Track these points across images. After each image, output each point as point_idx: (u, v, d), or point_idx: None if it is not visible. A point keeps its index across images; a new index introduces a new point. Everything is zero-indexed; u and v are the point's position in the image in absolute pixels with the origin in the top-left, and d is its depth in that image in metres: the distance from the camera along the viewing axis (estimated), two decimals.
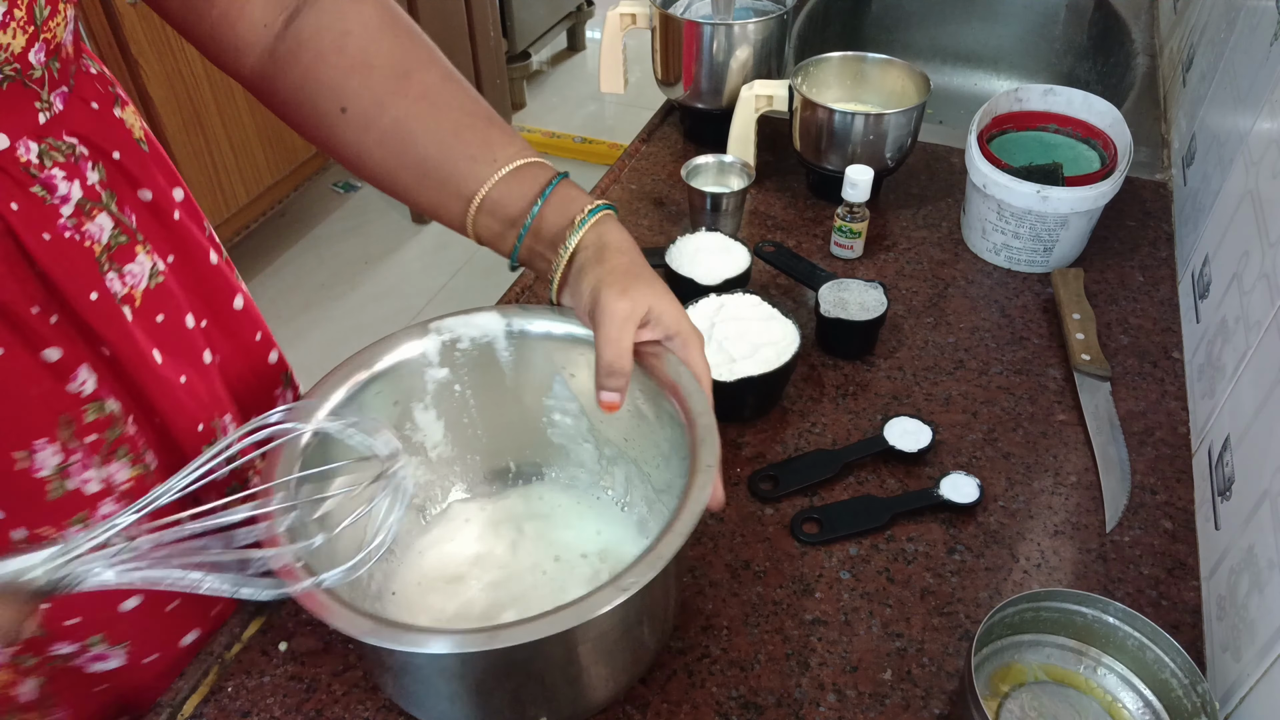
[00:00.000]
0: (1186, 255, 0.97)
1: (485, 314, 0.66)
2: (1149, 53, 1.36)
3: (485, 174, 0.63)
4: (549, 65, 3.51)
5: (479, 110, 0.66)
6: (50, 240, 0.55)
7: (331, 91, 0.64)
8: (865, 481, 0.78)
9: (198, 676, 0.65)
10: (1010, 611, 0.61)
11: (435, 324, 0.65)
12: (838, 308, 0.87)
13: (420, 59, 0.65)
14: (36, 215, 0.54)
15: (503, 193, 0.63)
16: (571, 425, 0.69)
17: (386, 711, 0.63)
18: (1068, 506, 0.76)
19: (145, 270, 0.63)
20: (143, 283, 0.62)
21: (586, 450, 0.70)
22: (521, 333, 0.66)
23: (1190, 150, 1.05)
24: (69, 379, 0.58)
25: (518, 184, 0.64)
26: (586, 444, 0.70)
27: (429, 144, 0.64)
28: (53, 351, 0.57)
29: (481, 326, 0.65)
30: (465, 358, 0.66)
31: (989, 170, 0.95)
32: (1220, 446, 0.73)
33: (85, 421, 0.59)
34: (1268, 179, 0.76)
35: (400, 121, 0.64)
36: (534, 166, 0.65)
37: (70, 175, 0.57)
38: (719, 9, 1.19)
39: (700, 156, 1.02)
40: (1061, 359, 0.89)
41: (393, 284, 2.54)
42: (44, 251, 0.55)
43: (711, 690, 0.64)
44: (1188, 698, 0.57)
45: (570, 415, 0.69)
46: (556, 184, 0.64)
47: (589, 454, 0.70)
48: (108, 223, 0.59)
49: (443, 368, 0.66)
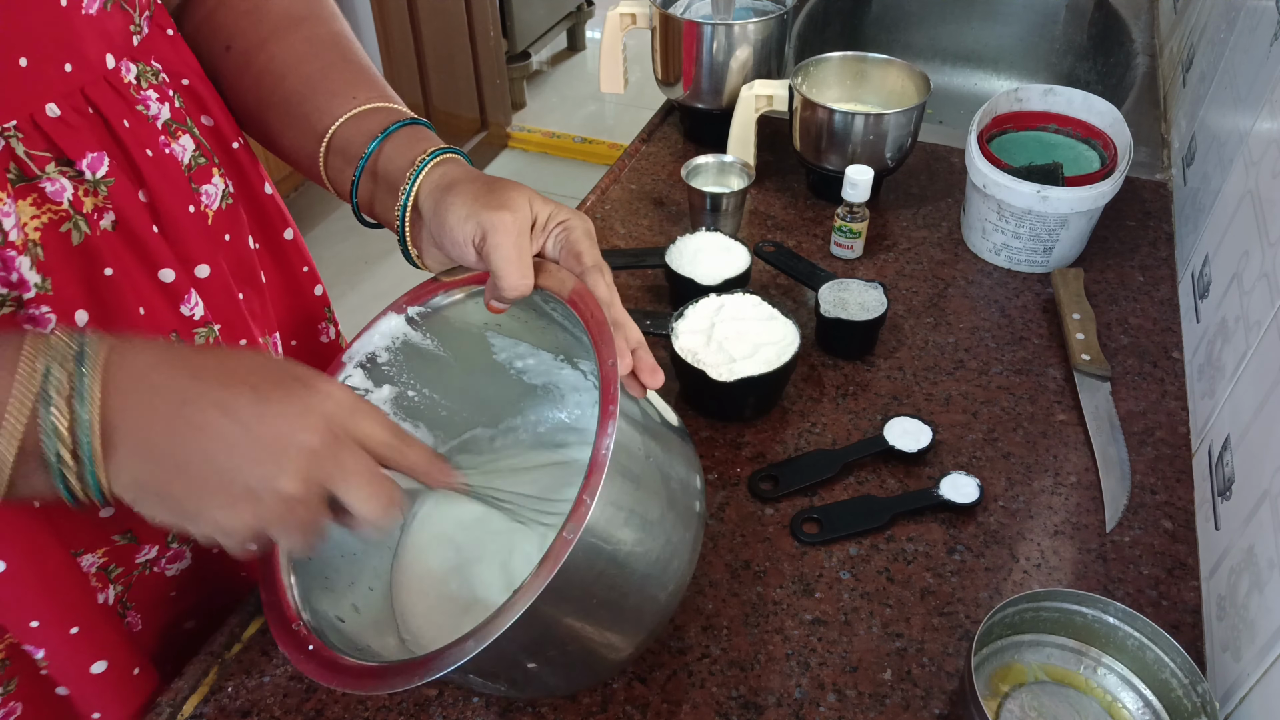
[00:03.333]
0: (1186, 255, 0.97)
1: (382, 320, 0.63)
2: (1149, 53, 1.36)
3: (340, 109, 0.62)
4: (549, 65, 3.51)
5: (357, 61, 0.66)
6: (152, 157, 0.58)
7: (223, 31, 0.65)
8: (865, 481, 0.78)
9: (198, 676, 0.65)
10: (1010, 611, 0.61)
11: (345, 356, 0.62)
12: (838, 308, 0.87)
13: (319, 14, 0.67)
14: (142, 133, 0.57)
15: (351, 130, 0.62)
16: (536, 363, 0.68)
17: (386, 711, 0.63)
18: (1068, 506, 0.76)
19: (219, 192, 0.64)
20: (216, 203, 0.64)
21: (565, 373, 0.68)
22: (424, 315, 0.63)
23: (1190, 150, 1.05)
24: (181, 301, 0.60)
25: (367, 121, 0.62)
26: (563, 369, 0.68)
27: (296, 81, 0.64)
28: (167, 273, 0.59)
29: (386, 333, 0.63)
30: (395, 365, 0.64)
31: (989, 170, 0.95)
32: (1220, 446, 0.73)
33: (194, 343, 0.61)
34: (1268, 179, 0.76)
35: (274, 58, 0.64)
36: (390, 110, 0.63)
37: (160, 98, 0.59)
38: (719, 9, 1.19)
39: (700, 156, 1.02)
40: (1061, 359, 0.89)
41: (392, 284, 2.54)
42: (149, 167, 0.57)
43: (711, 690, 0.64)
44: (1188, 698, 0.57)
45: (529, 356, 0.67)
46: (404, 124, 0.61)
47: (569, 376, 0.68)
48: (189, 144, 0.62)
49: (382, 387, 0.64)
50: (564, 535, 0.47)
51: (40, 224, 0.52)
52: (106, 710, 0.63)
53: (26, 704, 0.61)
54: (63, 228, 0.53)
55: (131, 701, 0.64)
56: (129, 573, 0.64)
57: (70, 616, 0.58)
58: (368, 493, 0.46)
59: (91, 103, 0.54)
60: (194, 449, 0.43)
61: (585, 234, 0.56)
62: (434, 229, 0.57)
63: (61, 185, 0.53)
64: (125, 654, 0.62)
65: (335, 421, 0.45)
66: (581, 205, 1.11)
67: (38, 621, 0.57)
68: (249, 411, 0.44)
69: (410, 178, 0.58)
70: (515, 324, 0.65)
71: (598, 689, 0.64)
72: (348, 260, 2.59)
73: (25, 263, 0.52)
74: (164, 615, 0.68)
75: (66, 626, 0.58)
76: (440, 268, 0.62)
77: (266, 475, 0.43)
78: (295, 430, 0.44)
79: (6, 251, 0.51)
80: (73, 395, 0.41)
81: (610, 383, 0.50)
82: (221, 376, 0.45)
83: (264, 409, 0.44)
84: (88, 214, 0.54)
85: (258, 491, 0.43)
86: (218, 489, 0.43)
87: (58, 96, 0.52)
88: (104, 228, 0.55)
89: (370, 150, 0.61)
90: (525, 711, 0.63)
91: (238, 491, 0.43)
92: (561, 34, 3.46)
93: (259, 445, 0.43)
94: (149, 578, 0.66)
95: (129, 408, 0.42)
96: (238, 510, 0.43)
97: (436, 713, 0.63)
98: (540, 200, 0.56)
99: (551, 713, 0.62)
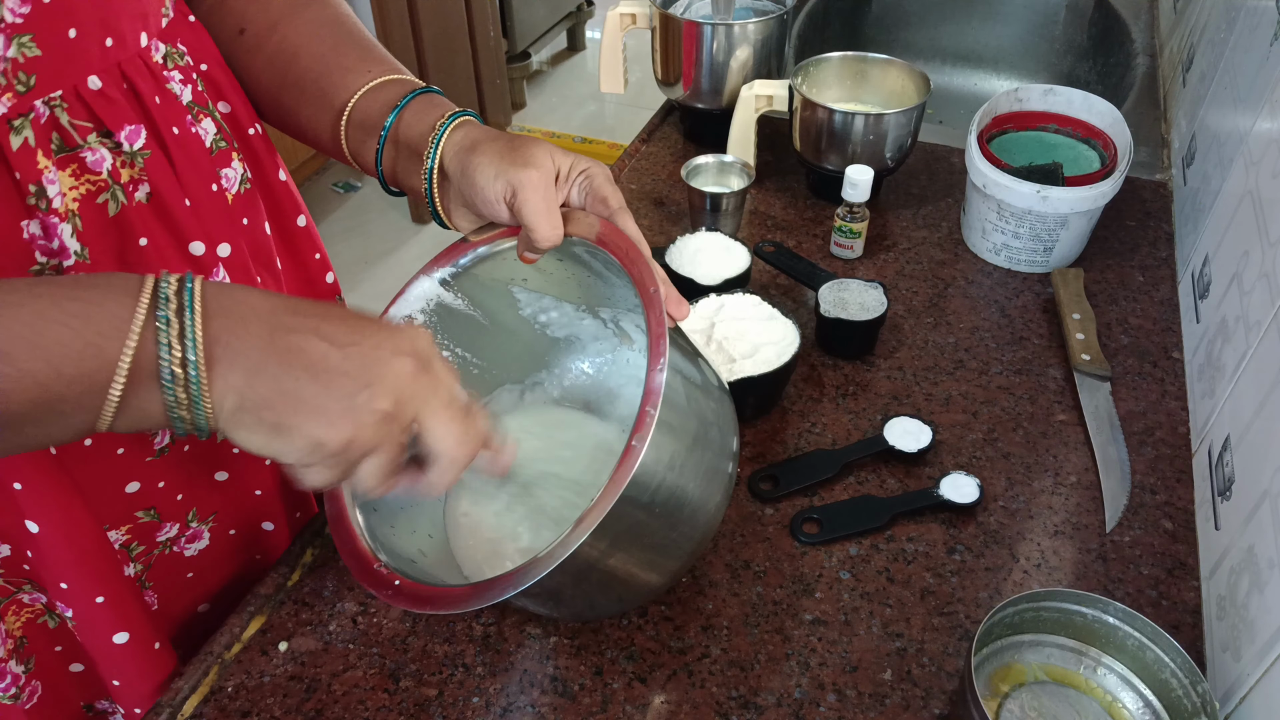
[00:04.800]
0: (1186, 255, 0.97)
1: (415, 284, 0.65)
2: (1149, 53, 1.36)
3: (356, 84, 0.65)
4: (549, 65, 3.51)
5: (364, 38, 0.68)
6: (179, 135, 0.60)
7: (234, 16, 0.67)
8: (865, 481, 0.78)
9: (198, 676, 0.65)
10: (1010, 611, 0.61)
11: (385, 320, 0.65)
12: (838, 308, 0.87)
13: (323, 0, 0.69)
14: (170, 111, 0.59)
15: (369, 102, 0.64)
16: (559, 315, 0.70)
17: (386, 711, 0.63)
18: (1068, 506, 0.76)
19: (237, 176, 0.66)
20: (235, 187, 0.66)
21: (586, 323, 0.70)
22: (455, 275, 0.65)
23: (1190, 150, 1.05)
24: (210, 274, 0.62)
25: (384, 93, 0.64)
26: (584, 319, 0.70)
27: (309, 60, 0.66)
28: (197, 245, 0.61)
29: (420, 295, 0.65)
30: (431, 327, 0.65)
31: (989, 170, 0.95)
32: (1220, 446, 0.73)
33: None
34: (1268, 179, 0.76)
35: (286, 40, 0.66)
36: (404, 81, 0.65)
37: (184, 79, 0.61)
38: (719, 9, 1.19)
39: (700, 156, 1.02)
40: (1061, 359, 0.89)
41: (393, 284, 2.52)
42: (176, 145, 0.59)
43: (711, 690, 0.64)
44: (1188, 698, 0.57)
45: (553, 309, 0.69)
46: (420, 93, 0.64)
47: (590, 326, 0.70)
48: (211, 127, 0.64)
49: None
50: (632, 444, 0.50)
51: (79, 195, 0.54)
52: (126, 680, 0.65)
53: (45, 683, 0.64)
54: (100, 198, 0.55)
55: (149, 676, 0.66)
56: (149, 551, 0.66)
57: (97, 585, 0.61)
58: (452, 422, 0.48)
59: (127, 78, 0.56)
60: (295, 368, 0.45)
61: (606, 180, 0.60)
62: (464, 189, 0.59)
63: (101, 155, 0.55)
64: (147, 628, 0.65)
65: (425, 354, 0.48)
66: None
67: (66, 584, 0.60)
68: (345, 338, 0.46)
69: (433, 142, 0.60)
70: (540, 277, 0.67)
71: (598, 688, 0.64)
72: (348, 260, 2.59)
73: (66, 230, 0.53)
74: (181, 596, 0.70)
75: (93, 594, 0.61)
76: (470, 226, 0.64)
77: (362, 393, 0.45)
78: (389, 356, 0.46)
79: (49, 219, 0.53)
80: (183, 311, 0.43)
81: (655, 306, 0.54)
82: (317, 309, 0.47)
83: (359, 337, 0.46)
84: (125, 185, 0.57)
85: (354, 408, 0.45)
86: (314, 407, 0.45)
87: (99, 70, 0.54)
88: (139, 199, 0.58)
89: (390, 120, 0.63)
90: (525, 711, 0.63)
91: (334, 409, 0.45)
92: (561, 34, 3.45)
93: (357, 366, 0.45)
94: (168, 557, 0.67)
95: (232, 328, 0.44)
96: (334, 427, 0.45)
97: (436, 713, 0.63)
98: (561, 153, 0.59)
99: (552, 713, 0.62)
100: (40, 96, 0.51)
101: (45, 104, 0.52)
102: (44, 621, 0.64)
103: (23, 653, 0.63)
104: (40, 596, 0.63)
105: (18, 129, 0.50)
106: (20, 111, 0.50)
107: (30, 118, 0.51)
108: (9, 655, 0.61)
